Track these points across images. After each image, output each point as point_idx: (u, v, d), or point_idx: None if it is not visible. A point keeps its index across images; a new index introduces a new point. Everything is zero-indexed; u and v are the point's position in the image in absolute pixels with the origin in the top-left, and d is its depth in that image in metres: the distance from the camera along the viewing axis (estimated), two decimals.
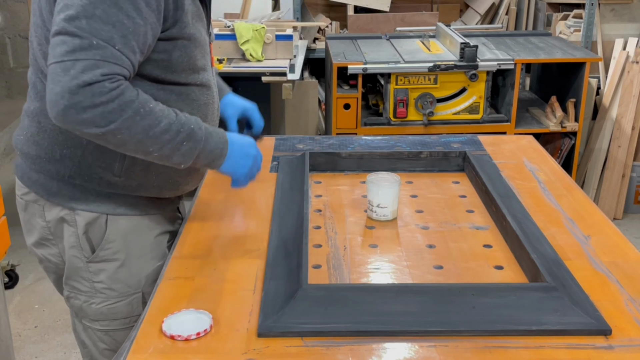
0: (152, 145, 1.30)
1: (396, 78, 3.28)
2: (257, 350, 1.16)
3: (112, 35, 1.22)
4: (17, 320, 2.94)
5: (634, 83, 3.79)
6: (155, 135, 1.29)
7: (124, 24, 1.24)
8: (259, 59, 3.50)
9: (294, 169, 1.87)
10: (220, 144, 1.41)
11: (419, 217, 1.68)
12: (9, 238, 2.29)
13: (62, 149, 1.42)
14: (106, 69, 1.22)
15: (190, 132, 1.34)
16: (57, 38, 1.22)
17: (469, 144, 2.10)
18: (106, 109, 1.22)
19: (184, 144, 1.33)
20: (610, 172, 3.87)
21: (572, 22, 4.17)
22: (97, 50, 1.21)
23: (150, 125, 1.28)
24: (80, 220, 1.46)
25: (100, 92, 1.21)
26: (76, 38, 1.21)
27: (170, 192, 1.54)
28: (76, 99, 1.20)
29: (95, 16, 1.21)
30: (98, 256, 1.49)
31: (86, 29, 1.21)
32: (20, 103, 1.57)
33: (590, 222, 1.63)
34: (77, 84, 1.19)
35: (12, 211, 2.59)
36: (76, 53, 1.20)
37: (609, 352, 1.16)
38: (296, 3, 4.35)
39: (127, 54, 1.25)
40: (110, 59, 1.22)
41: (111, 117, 1.23)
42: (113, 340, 1.55)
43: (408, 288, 1.30)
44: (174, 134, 1.31)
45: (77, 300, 1.54)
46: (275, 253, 1.45)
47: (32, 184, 1.48)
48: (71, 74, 1.20)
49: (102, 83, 1.21)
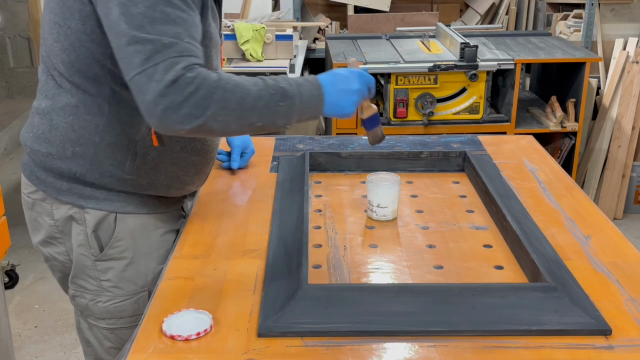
0: (253, 116, 1.29)
1: (396, 78, 3.28)
2: (257, 350, 1.16)
3: (177, 31, 1.25)
4: (17, 320, 2.94)
5: (634, 83, 3.79)
6: (250, 106, 1.28)
7: (182, 19, 1.26)
8: (259, 59, 3.50)
9: (294, 169, 1.87)
10: (315, 90, 1.36)
11: (419, 217, 1.68)
12: (9, 238, 2.29)
13: (74, 147, 1.43)
14: (184, 62, 1.23)
15: (282, 91, 1.32)
16: (130, 49, 1.23)
17: (469, 144, 2.10)
18: (197, 97, 1.23)
19: (280, 105, 1.31)
20: (610, 172, 3.87)
21: (572, 22, 4.18)
22: (170, 49, 1.23)
23: (243, 97, 1.27)
24: (89, 219, 1.47)
25: (185, 84, 1.22)
26: (148, 44, 1.22)
27: (176, 192, 1.55)
28: (168, 99, 1.22)
29: (157, 19, 1.23)
30: (106, 254, 1.49)
31: (153, 32, 1.23)
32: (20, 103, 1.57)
33: (590, 222, 1.63)
34: (165, 86, 1.21)
35: (12, 211, 2.60)
36: (153, 58, 1.22)
37: (609, 352, 1.16)
38: (296, 3, 4.35)
39: (194, 44, 1.28)
40: (184, 52, 1.24)
41: (204, 103, 1.24)
42: (119, 338, 1.56)
43: (408, 288, 1.30)
44: (267, 98, 1.30)
45: (83, 298, 1.54)
46: (275, 253, 1.45)
47: (41, 183, 1.48)
48: (156, 78, 1.22)
49: (184, 76, 1.22)
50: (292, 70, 3.42)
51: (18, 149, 4.89)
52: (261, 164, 1.95)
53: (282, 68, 3.39)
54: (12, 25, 5.16)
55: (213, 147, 1.59)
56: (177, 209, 1.62)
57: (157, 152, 1.46)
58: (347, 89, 1.39)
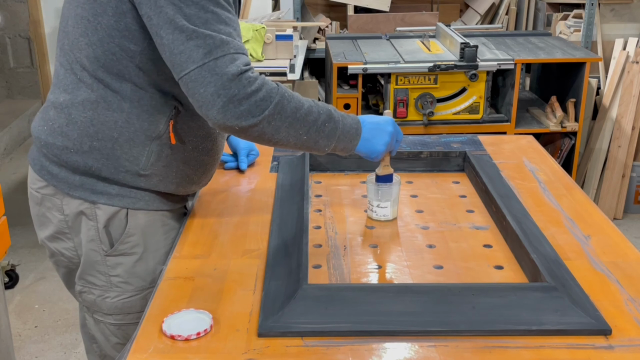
0: (302, 128, 1.36)
1: (396, 78, 3.28)
2: (257, 350, 1.17)
3: (228, 30, 1.30)
4: (17, 320, 2.94)
5: (634, 83, 3.79)
6: (302, 117, 1.35)
7: (230, 19, 1.32)
8: (259, 59, 3.50)
9: (294, 169, 1.87)
10: (355, 123, 1.46)
11: (419, 217, 1.68)
12: (9, 238, 2.29)
13: (92, 141, 1.44)
14: (243, 59, 1.29)
15: (329, 114, 1.40)
16: (190, 43, 1.27)
17: (469, 144, 2.10)
18: (258, 97, 1.29)
19: (326, 125, 1.39)
20: (610, 172, 3.87)
21: (572, 22, 4.18)
22: (228, 45, 1.28)
23: (297, 108, 1.34)
24: (101, 214, 1.48)
25: (248, 82, 1.28)
26: (208, 38, 1.27)
27: (184, 190, 1.58)
28: (231, 92, 1.26)
29: (209, 19, 1.28)
30: (117, 250, 1.51)
31: (209, 28, 1.27)
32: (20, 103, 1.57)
33: (590, 222, 1.63)
34: (228, 78, 1.26)
35: (12, 211, 2.60)
36: (213, 52, 1.27)
37: (609, 352, 1.16)
38: (296, 3, 4.35)
39: (242, 44, 1.33)
40: (240, 50, 1.30)
41: (263, 104, 1.30)
42: (126, 334, 1.57)
43: (408, 288, 1.30)
44: (316, 115, 1.37)
45: (91, 294, 1.55)
46: (275, 253, 1.46)
47: (52, 178, 1.48)
48: (218, 72, 1.26)
49: (246, 73, 1.28)
50: (292, 70, 3.42)
51: (18, 149, 4.89)
52: (261, 164, 1.95)
53: (282, 68, 3.39)
54: (12, 25, 5.16)
55: (220, 148, 1.62)
56: (182, 207, 1.64)
57: (171, 150, 1.49)
58: (381, 129, 1.51)
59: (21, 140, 4.97)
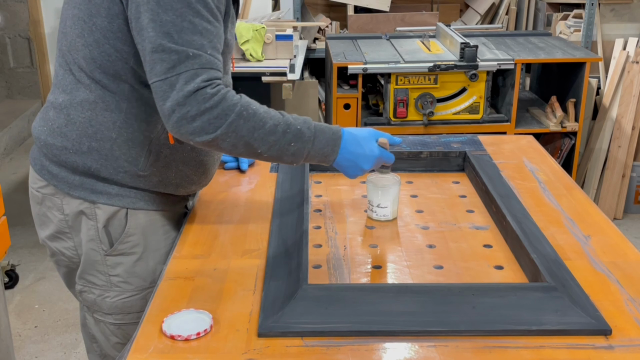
0: (260, 147, 1.36)
1: (396, 78, 3.28)
2: (257, 350, 1.16)
3: (202, 42, 1.30)
4: (17, 320, 2.94)
5: (634, 83, 3.79)
6: (261, 137, 1.34)
7: (208, 30, 1.31)
8: (259, 59, 3.50)
9: (294, 168, 1.87)
10: (332, 141, 1.44)
11: (419, 217, 1.68)
12: (9, 238, 2.29)
13: (90, 142, 1.45)
14: (205, 75, 1.29)
15: (297, 133, 1.38)
16: (155, 56, 1.28)
17: (469, 144, 2.10)
18: (212, 115, 1.29)
19: (291, 145, 1.38)
20: (610, 172, 3.87)
21: (572, 22, 4.18)
22: (194, 60, 1.28)
23: (255, 127, 1.33)
24: (100, 214, 1.48)
25: (203, 99, 1.28)
26: (173, 54, 1.28)
27: (184, 190, 1.58)
28: (185, 109, 1.28)
29: (184, 29, 1.28)
30: (117, 249, 1.51)
31: (180, 42, 1.28)
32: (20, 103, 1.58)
33: (590, 222, 1.63)
34: (184, 95, 1.27)
35: (12, 211, 2.60)
36: (176, 68, 1.28)
37: (609, 352, 1.16)
38: (296, 3, 4.35)
39: (216, 56, 1.33)
40: (206, 65, 1.30)
41: (217, 122, 1.30)
42: (126, 333, 1.57)
43: (408, 288, 1.30)
44: (280, 135, 1.36)
45: (92, 294, 1.56)
46: (275, 253, 1.45)
47: (52, 177, 1.49)
48: (177, 87, 1.28)
49: (204, 90, 1.28)
50: (292, 70, 3.42)
51: (18, 149, 4.89)
52: (261, 164, 1.95)
53: (282, 68, 3.39)
54: (12, 25, 5.16)
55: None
56: (182, 207, 1.64)
57: (170, 151, 1.49)
58: (357, 166, 1.49)
59: (21, 140, 4.97)
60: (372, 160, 1.50)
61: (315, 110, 4.10)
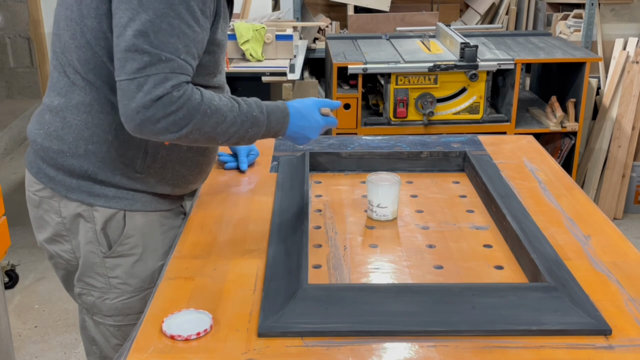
0: (222, 138, 1.39)
1: (396, 78, 3.28)
2: (257, 350, 1.16)
3: (177, 46, 1.29)
4: (17, 320, 2.94)
5: (634, 83, 3.79)
6: (223, 130, 1.38)
7: (186, 34, 1.30)
8: (259, 59, 3.50)
9: (294, 169, 1.87)
10: (281, 119, 1.49)
11: (419, 217, 1.68)
12: (9, 238, 2.29)
13: (87, 145, 1.44)
14: (174, 81, 1.29)
15: (254, 119, 1.42)
16: (128, 54, 1.27)
17: (469, 144, 2.10)
18: (177, 117, 1.30)
19: (249, 131, 1.42)
20: (610, 172, 3.87)
21: (572, 22, 4.17)
22: (165, 64, 1.28)
23: (218, 123, 1.36)
24: (98, 216, 1.48)
25: (170, 103, 1.28)
26: (145, 55, 1.27)
27: (180, 190, 1.59)
28: (150, 112, 1.28)
29: (162, 30, 1.27)
30: (115, 251, 1.52)
31: (154, 44, 1.27)
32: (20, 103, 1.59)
33: (590, 222, 1.63)
34: (151, 99, 1.27)
35: (12, 211, 2.60)
36: (147, 69, 1.27)
37: (609, 352, 1.16)
38: (296, 3, 4.35)
39: (189, 62, 1.33)
40: (177, 70, 1.30)
41: (182, 122, 1.31)
42: (126, 335, 1.57)
43: (408, 288, 1.30)
44: (239, 124, 1.40)
45: (91, 296, 1.56)
46: (275, 253, 1.45)
47: (49, 180, 1.49)
48: (144, 89, 1.27)
49: (170, 94, 1.28)
50: (292, 70, 3.42)
51: (18, 149, 4.89)
52: (261, 164, 1.95)
53: (282, 68, 3.39)
54: (12, 25, 5.16)
55: (216, 147, 1.63)
56: (179, 207, 1.64)
57: (167, 151, 1.49)
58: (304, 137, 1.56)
59: (21, 140, 4.97)
60: (318, 129, 1.57)
61: None
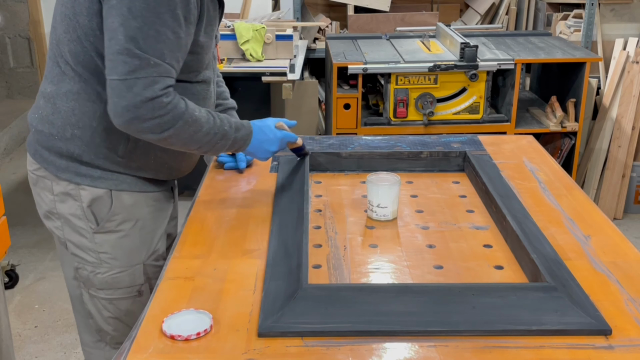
0: (195, 145, 1.54)
1: (396, 78, 3.28)
2: (257, 350, 1.16)
3: (163, 51, 1.41)
4: (17, 320, 2.94)
5: (634, 83, 3.79)
6: (198, 139, 1.52)
7: (170, 40, 1.42)
8: (259, 59, 3.50)
9: (294, 169, 1.87)
10: (246, 135, 1.64)
11: (419, 217, 1.68)
12: (9, 238, 2.29)
13: (73, 129, 1.55)
14: (162, 84, 1.42)
15: (224, 133, 1.57)
16: (119, 57, 1.39)
17: (469, 144, 2.10)
18: (162, 120, 1.44)
19: (218, 143, 1.57)
20: (610, 172, 3.87)
21: (572, 22, 4.18)
22: (154, 68, 1.40)
23: (195, 132, 1.50)
24: (85, 195, 1.58)
25: (159, 107, 1.42)
26: (135, 59, 1.39)
27: (164, 175, 1.68)
28: (140, 112, 1.41)
29: (150, 36, 1.39)
30: (104, 227, 1.61)
31: (144, 49, 1.39)
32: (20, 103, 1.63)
33: (590, 222, 1.63)
34: (141, 100, 1.40)
35: (12, 211, 2.60)
36: (137, 72, 1.39)
37: (609, 352, 1.16)
38: (296, 3, 4.35)
39: (174, 65, 1.45)
40: (164, 73, 1.42)
41: (166, 126, 1.45)
42: (116, 308, 1.68)
43: (408, 288, 1.30)
44: (212, 136, 1.54)
45: (85, 270, 1.65)
46: (275, 253, 1.45)
47: (43, 160, 1.60)
48: (134, 91, 1.39)
49: (160, 98, 1.42)
50: (292, 70, 3.42)
51: (18, 149, 4.89)
52: (261, 164, 1.95)
53: (282, 68, 3.39)
54: (12, 25, 5.16)
55: None
56: (167, 190, 1.72)
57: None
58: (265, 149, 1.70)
59: (21, 140, 4.97)
60: (276, 141, 1.71)
61: (315, 110, 4.10)
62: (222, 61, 3.48)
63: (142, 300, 1.68)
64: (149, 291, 1.69)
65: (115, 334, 1.72)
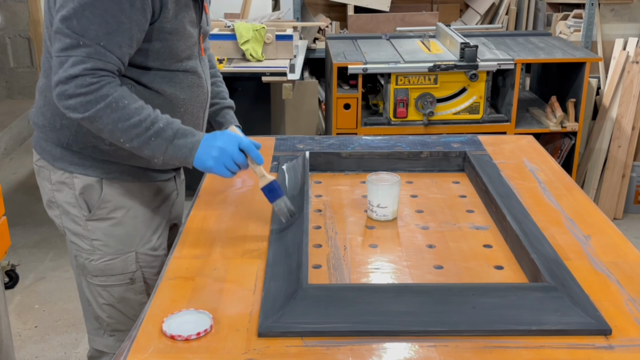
0: (122, 136, 1.50)
1: (396, 78, 3.28)
2: (257, 350, 1.17)
3: (97, 33, 1.44)
4: (17, 320, 2.94)
5: (634, 83, 3.79)
6: (123, 128, 1.48)
7: (108, 23, 1.44)
8: (259, 59, 3.50)
9: (294, 169, 1.87)
10: (190, 144, 1.52)
11: (419, 217, 1.68)
12: (9, 238, 2.29)
13: (62, 120, 1.61)
14: (90, 65, 1.44)
15: (159, 130, 1.50)
16: (57, 35, 1.45)
17: (469, 144, 2.10)
18: (85, 99, 1.46)
19: (152, 140, 1.50)
20: (610, 172, 3.87)
21: (572, 22, 4.18)
22: (84, 49, 1.44)
23: (120, 119, 1.48)
24: (77, 183, 1.64)
25: (82, 85, 1.45)
26: (67, 38, 1.44)
27: (156, 165, 1.67)
28: (64, 88, 1.45)
29: (84, 17, 1.43)
30: (95, 214, 1.66)
31: (76, 29, 1.43)
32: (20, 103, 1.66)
33: (590, 222, 1.63)
34: (66, 76, 1.44)
35: (12, 211, 2.60)
36: (68, 50, 1.45)
37: (609, 352, 1.16)
38: (296, 3, 4.35)
39: (112, 49, 1.46)
40: (94, 55, 1.45)
41: (88, 106, 1.46)
42: (110, 295, 1.72)
43: (408, 288, 1.30)
44: (142, 130, 1.49)
45: (81, 257, 1.71)
46: (275, 253, 1.46)
47: (42, 151, 1.67)
48: (64, 67, 1.45)
49: (84, 77, 1.44)
50: (292, 70, 3.42)
51: (18, 149, 4.89)
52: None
53: (282, 68, 3.39)
54: (12, 25, 5.16)
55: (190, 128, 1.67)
56: (165, 180, 1.74)
57: None
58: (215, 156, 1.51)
59: (21, 140, 4.97)
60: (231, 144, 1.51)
61: (315, 110, 4.10)
62: (222, 61, 3.48)
63: (134, 288, 1.72)
64: (141, 279, 1.72)
65: (110, 320, 1.75)
